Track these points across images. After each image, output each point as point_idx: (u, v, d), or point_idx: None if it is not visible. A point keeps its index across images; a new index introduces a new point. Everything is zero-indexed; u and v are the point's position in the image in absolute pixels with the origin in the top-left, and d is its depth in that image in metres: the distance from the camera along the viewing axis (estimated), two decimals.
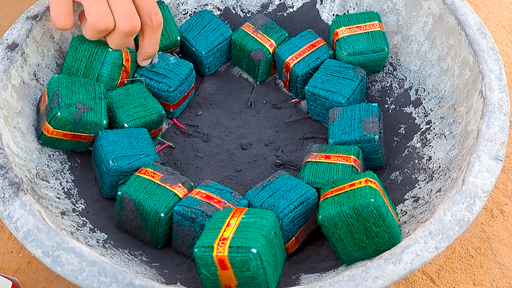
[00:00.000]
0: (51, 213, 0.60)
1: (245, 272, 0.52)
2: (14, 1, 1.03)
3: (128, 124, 0.72)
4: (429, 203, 0.62)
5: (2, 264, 0.71)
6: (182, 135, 0.81)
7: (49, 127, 0.66)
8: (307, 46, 0.81)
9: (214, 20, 0.85)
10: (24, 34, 0.72)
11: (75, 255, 0.51)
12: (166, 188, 0.64)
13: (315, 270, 0.62)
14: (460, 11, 0.71)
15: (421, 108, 0.76)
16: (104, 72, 0.73)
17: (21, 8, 1.02)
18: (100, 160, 0.68)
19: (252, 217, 0.56)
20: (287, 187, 0.65)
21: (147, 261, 0.63)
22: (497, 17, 0.96)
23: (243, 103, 0.85)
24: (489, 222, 0.74)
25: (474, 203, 0.54)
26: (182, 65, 0.79)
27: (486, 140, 0.58)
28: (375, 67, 0.81)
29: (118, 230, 0.66)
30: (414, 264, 0.49)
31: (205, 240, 0.54)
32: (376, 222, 0.56)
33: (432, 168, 0.68)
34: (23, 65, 0.71)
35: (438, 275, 0.69)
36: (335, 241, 0.59)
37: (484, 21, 0.99)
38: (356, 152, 0.68)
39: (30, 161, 0.65)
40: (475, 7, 1.00)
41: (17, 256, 0.71)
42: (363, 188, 0.58)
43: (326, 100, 0.76)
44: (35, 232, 0.52)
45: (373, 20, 0.79)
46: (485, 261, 0.71)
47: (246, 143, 0.80)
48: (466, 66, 0.69)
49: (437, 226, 0.52)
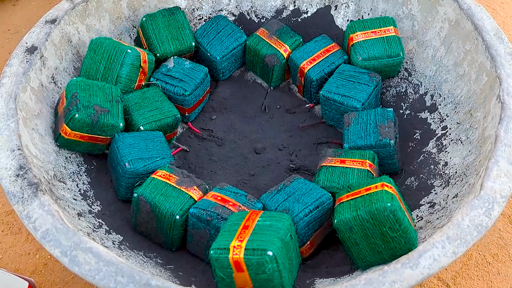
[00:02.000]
0: (68, 214, 0.60)
1: (261, 274, 0.52)
2: (34, 8, 1.04)
3: (144, 127, 0.72)
4: (446, 209, 0.62)
5: (19, 266, 0.71)
6: (197, 139, 0.81)
7: (67, 128, 0.67)
8: (322, 51, 0.81)
9: (228, 26, 0.85)
10: (43, 38, 0.72)
11: (92, 255, 0.51)
12: (182, 191, 0.64)
13: (330, 274, 0.62)
14: (476, 16, 0.71)
15: (436, 113, 0.76)
16: (123, 73, 0.74)
17: (40, 15, 1.04)
18: (117, 162, 0.68)
19: (268, 220, 0.56)
20: (302, 191, 0.64)
21: (162, 263, 0.63)
22: None
23: (257, 108, 0.85)
24: (507, 228, 0.73)
25: (493, 208, 0.53)
26: (197, 69, 0.80)
27: (504, 145, 0.58)
28: (390, 72, 0.81)
29: (133, 232, 0.66)
30: (431, 268, 0.49)
31: (221, 242, 0.54)
32: (393, 226, 0.56)
33: (448, 173, 0.67)
34: (41, 68, 0.72)
35: (454, 282, 0.69)
36: (351, 245, 0.59)
37: (502, 25, 0.98)
38: (372, 157, 0.68)
39: (47, 163, 0.66)
40: (492, 11, 0.99)
41: (33, 258, 0.72)
42: (379, 193, 0.58)
43: (341, 104, 0.76)
44: (53, 232, 0.53)
45: (388, 25, 0.79)
46: (503, 268, 0.70)
47: (260, 148, 0.80)
48: (483, 71, 0.69)
49: (455, 231, 0.52)
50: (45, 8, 1.05)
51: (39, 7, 1.05)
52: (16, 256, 0.72)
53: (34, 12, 1.04)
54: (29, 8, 1.05)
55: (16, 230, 0.75)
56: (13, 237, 0.74)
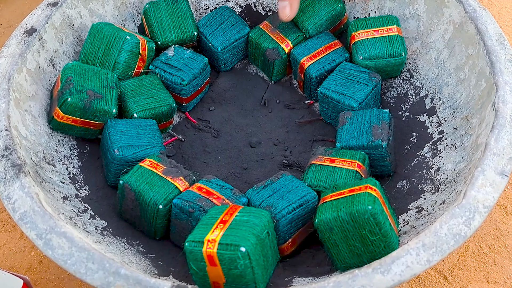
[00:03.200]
0: (53, 197, 0.61)
1: (233, 270, 0.52)
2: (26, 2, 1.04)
3: (138, 115, 0.72)
4: (432, 215, 0.61)
5: (14, 263, 0.71)
6: (193, 129, 0.81)
7: (60, 112, 0.68)
8: (323, 47, 0.80)
9: (232, 17, 0.85)
10: (43, 20, 0.73)
11: (66, 240, 0.51)
12: (167, 181, 0.64)
13: (310, 274, 0.61)
14: (480, 20, 0.69)
15: (435, 117, 0.74)
16: (121, 60, 0.74)
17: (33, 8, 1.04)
18: (107, 148, 0.68)
19: (246, 215, 0.56)
20: (287, 188, 0.64)
21: (143, 252, 0.63)
22: (510, 11, 0.93)
23: (256, 101, 0.85)
24: (503, 219, 0.72)
25: (473, 218, 0.52)
26: (197, 59, 0.79)
27: (493, 154, 0.56)
28: (392, 72, 0.79)
29: (118, 218, 0.67)
30: (403, 275, 0.48)
31: (197, 235, 0.54)
32: (372, 230, 0.55)
33: (439, 179, 0.66)
34: (39, 50, 0.72)
35: (451, 273, 0.68)
36: (330, 246, 0.58)
37: (497, 16, 0.96)
38: (362, 158, 0.67)
39: (38, 145, 0.66)
40: (488, 1, 0.97)
41: (28, 255, 0.72)
42: (362, 195, 0.57)
43: (338, 103, 0.75)
44: (31, 214, 0.53)
45: (391, 24, 0.77)
46: (499, 258, 0.69)
47: (255, 141, 0.80)
48: (482, 77, 0.67)
49: (431, 239, 0.50)
50: (38, 1, 1.05)
51: (32, 1, 1.05)
52: (11, 253, 0.73)
53: (27, 6, 1.04)
54: (22, 3, 1.05)
55: (10, 227, 0.75)
56: (8, 234, 0.75)
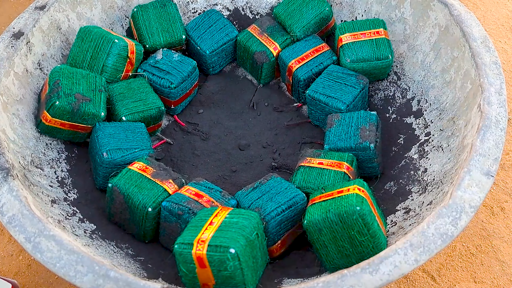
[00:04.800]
0: (41, 200, 0.61)
1: (223, 271, 0.52)
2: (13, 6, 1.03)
3: (126, 118, 0.72)
4: (419, 216, 0.61)
5: (2, 267, 0.71)
6: (182, 132, 0.81)
7: (48, 115, 0.67)
8: (311, 50, 0.80)
9: (220, 20, 0.85)
10: (31, 24, 0.73)
11: (55, 243, 0.51)
12: (156, 183, 0.64)
13: (299, 275, 0.61)
14: (466, 23, 0.70)
15: (421, 119, 0.75)
16: (110, 63, 0.74)
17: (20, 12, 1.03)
18: (95, 151, 0.68)
19: (235, 217, 0.56)
20: (276, 190, 0.64)
21: (132, 255, 0.63)
22: (495, 15, 0.95)
23: (245, 104, 0.85)
24: (490, 219, 0.73)
25: (460, 218, 0.53)
26: (185, 62, 0.80)
27: (479, 154, 0.57)
28: (379, 74, 0.80)
29: (107, 222, 0.67)
30: (391, 275, 0.49)
31: (186, 237, 0.54)
32: (361, 230, 0.56)
33: (426, 180, 0.67)
34: (27, 54, 0.72)
35: (438, 273, 0.69)
36: (319, 247, 0.59)
37: (482, 19, 0.98)
38: (350, 160, 0.68)
39: (26, 148, 0.66)
40: (473, 5, 0.99)
41: (17, 259, 0.71)
42: (351, 196, 0.57)
43: (326, 105, 0.75)
44: (19, 218, 0.53)
45: (378, 28, 0.78)
46: (486, 258, 0.70)
47: (244, 144, 0.80)
48: (468, 79, 0.68)
49: (419, 239, 0.51)
50: (25, 5, 1.04)
51: (19, 5, 1.04)
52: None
53: (14, 9, 1.03)
54: (9, 6, 1.04)
55: None
56: None
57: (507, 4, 1.00)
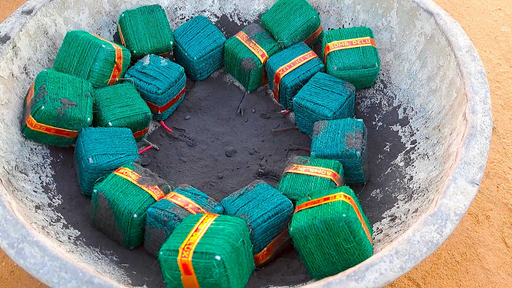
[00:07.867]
0: (25, 206, 0.60)
1: (208, 278, 0.52)
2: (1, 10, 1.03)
3: (113, 123, 0.72)
4: (405, 223, 0.61)
5: None
6: (168, 138, 0.81)
7: (33, 120, 0.67)
8: (298, 58, 0.81)
9: (208, 27, 0.85)
10: (17, 28, 0.72)
11: (38, 249, 0.50)
12: (142, 189, 0.64)
13: (285, 282, 0.61)
14: (451, 32, 0.71)
15: (407, 127, 0.75)
16: (96, 68, 0.74)
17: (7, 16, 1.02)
18: (81, 156, 0.68)
19: (222, 224, 0.56)
20: (263, 197, 0.64)
21: (117, 261, 0.63)
22: (480, 24, 0.96)
23: (232, 110, 0.85)
24: (475, 227, 0.74)
25: (445, 226, 0.53)
26: (173, 68, 0.80)
27: (464, 162, 0.58)
28: (365, 82, 0.80)
29: (92, 228, 0.66)
30: (377, 282, 0.49)
31: (171, 243, 0.54)
32: (347, 238, 0.56)
33: (412, 188, 0.67)
34: (13, 58, 0.71)
35: (424, 281, 0.69)
36: (305, 254, 0.58)
37: (468, 28, 0.99)
38: (336, 167, 0.68)
39: (10, 153, 0.65)
40: (459, 15, 1.00)
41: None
42: (337, 203, 0.58)
43: (313, 112, 0.75)
44: (2, 223, 0.52)
45: (365, 36, 0.78)
46: (471, 266, 0.70)
47: (230, 150, 0.80)
48: (453, 88, 0.69)
49: (404, 246, 0.51)
50: (12, 9, 1.04)
51: (6, 8, 1.04)
52: None
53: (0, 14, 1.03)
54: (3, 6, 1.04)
55: None
56: None
57: (492, 14, 1.01)
